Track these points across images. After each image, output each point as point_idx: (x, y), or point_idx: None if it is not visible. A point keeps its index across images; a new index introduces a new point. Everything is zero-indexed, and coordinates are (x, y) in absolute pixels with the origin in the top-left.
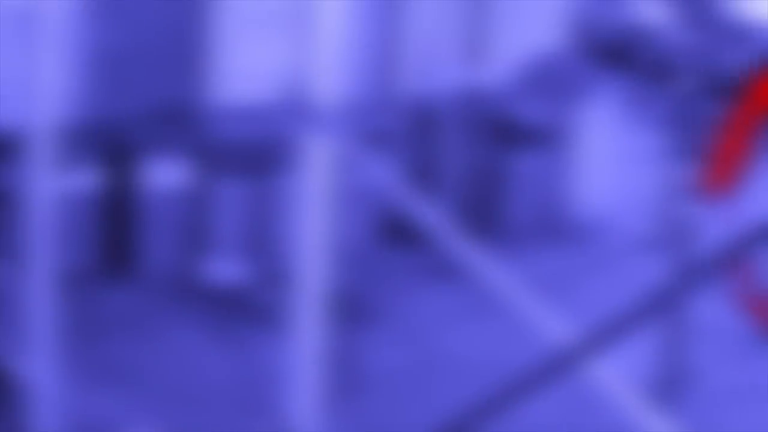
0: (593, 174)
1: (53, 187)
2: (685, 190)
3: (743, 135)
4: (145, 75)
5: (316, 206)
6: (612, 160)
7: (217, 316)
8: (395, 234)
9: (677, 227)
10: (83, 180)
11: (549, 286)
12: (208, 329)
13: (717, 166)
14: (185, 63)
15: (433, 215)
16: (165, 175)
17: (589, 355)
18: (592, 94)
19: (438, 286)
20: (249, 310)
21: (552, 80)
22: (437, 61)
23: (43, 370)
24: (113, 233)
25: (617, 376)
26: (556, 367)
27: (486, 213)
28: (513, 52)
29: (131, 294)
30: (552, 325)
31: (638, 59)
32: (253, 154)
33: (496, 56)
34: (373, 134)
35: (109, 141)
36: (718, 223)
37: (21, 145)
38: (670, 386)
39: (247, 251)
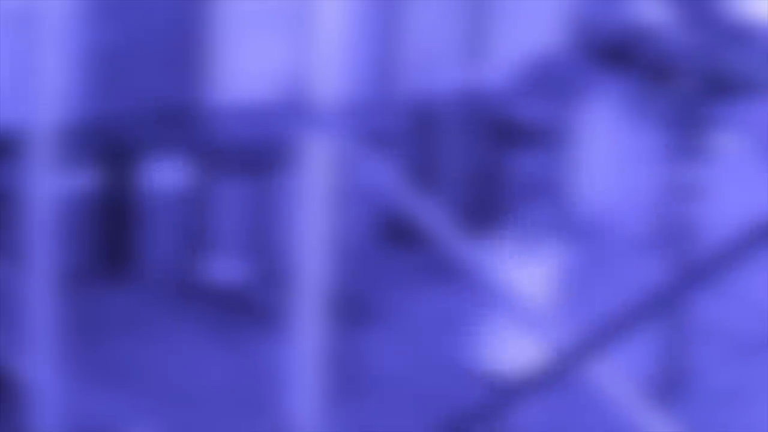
0: (593, 174)
1: (53, 187)
2: (684, 190)
3: None
4: (144, 75)
5: (316, 206)
6: (612, 160)
7: (217, 316)
8: (395, 234)
9: (677, 227)
10: (83, 180)
11: (549, 286)
12: (208, 329)
13: None
14: (185, 63)
15: (433, 215)
16: (165, 175)
17: (589, 355)
18: (592, 94)
19: (438, 286)
20: (249, 310)
21: (552, 80)
22: (437, 61)
23: (43, 370)
24: (113, 233)
25: (617, 376)
26: (556, 367)
27: (486, 213)
28: (513, 53)
29: (131, 294)
30: (552, 324)
31: (638, 59)
32: (253, 154)
33: (496, 56)
34: (373, 134)
35: (108, 141)
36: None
37: (21, 145)
38: (670, 386)
39: (247, 251)
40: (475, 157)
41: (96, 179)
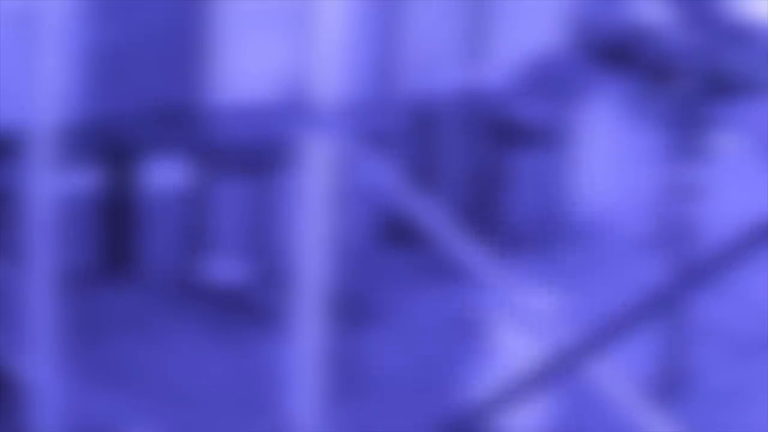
0: (593, 174)
1: (53, 187)
2: (684, 190)
3: None
4: (145, 75)
5: (316, 206)
6: (612, 160)
7: (217, 316)
8: (395, 234)
9: (677, 227)
10: (83, 180)
11: (549, 286)
12: (208, 329)
13: None
14: (185, 63)
15: (433, 215)
16: (165, 175)
17: (589, 355)
18: (592, 94)
19: (438, 286)
20: (249, 310)
21: (552, 80)
22: (437, 61)
23: (43, 370)
24: (113, 233)
25: (617, 376)
26: (556, 367)
27: (486, 213)
28: (513, 52)
29: (131, 294)
30: (552, 324)
31: (638, 59)
32: (253, 154)
33: (496, 56)
34: (373, 134)
35: (109, 141)
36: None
37: (21, 145)
38: (670, 386)
39: (247, 251)
40: (475, 157)
41: (96, 179)
